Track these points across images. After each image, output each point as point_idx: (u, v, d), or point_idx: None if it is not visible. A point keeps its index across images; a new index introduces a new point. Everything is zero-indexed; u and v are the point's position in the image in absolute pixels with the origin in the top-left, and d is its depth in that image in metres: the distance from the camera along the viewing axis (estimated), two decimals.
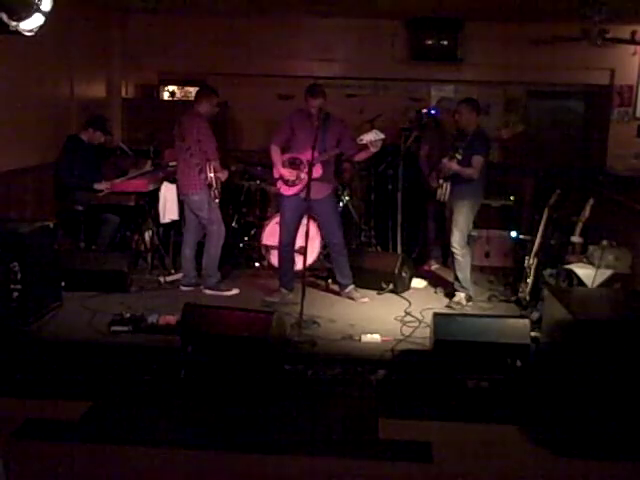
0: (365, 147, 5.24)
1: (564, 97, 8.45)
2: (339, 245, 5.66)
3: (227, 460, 3.36)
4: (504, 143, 7.93)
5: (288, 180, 5.44)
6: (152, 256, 6.41)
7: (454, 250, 5.56)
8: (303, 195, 5.27)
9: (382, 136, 5.20)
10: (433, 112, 7.44)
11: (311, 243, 5.70)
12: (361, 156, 5.45)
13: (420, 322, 5.15)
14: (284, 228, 5.56)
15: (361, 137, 5.22)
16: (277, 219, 6.40)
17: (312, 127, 5.21)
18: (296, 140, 5.43)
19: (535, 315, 4.98)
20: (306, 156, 5.25)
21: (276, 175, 5.55)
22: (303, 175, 5.32)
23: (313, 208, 5.45)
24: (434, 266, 6.74)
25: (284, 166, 5.47)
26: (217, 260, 5.80)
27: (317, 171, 5.32)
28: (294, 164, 5.44)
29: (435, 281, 6.30)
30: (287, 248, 5.59)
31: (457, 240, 5.54)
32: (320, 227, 5.87)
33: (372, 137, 5.18)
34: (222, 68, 7.95)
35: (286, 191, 5.49)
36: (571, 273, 5.19)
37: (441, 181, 5.53)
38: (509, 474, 3.34)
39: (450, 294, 5.74)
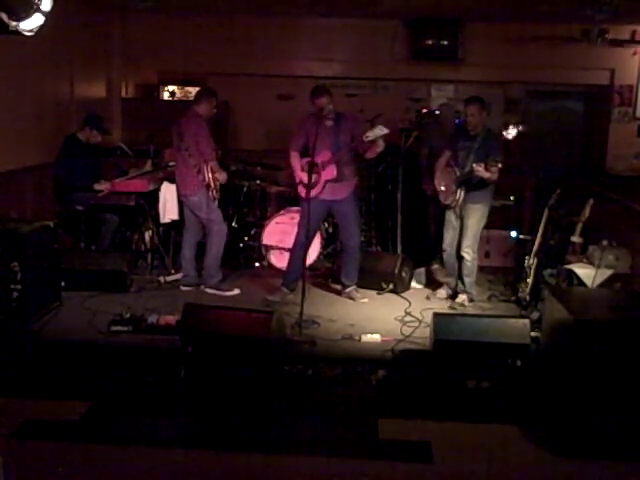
0: (373, 144, 5.24)
1: (564, 97, 8.45)
2: (354, 248, 5.65)
3: (227, 460, 3.36)
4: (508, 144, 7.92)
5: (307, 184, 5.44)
6: (152, 256, 6.41)
7: (466, 255, 5.48)
8: (323, 196, 5.33)
9: (386, 131, 5.18)
10: (437, 112, 7.44)
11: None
12: (370, 154, 5.44)
13: (420, 322, 5.15)
14: (302, 229, 5.52)
15: (367, 134, 5.20)
16: (277, 219, 6.43)
17: (324, 129, 5.20)
18: (311, 143, 5.43)
19: (535, 315, 4.98)
20: (321, 158, 5.26)
21: (297, 180, 5.56)
22: (320, 177, 5.33)
23: (333, 208, 5.47)
24: (434, 266, 6.73)
25: (303, 170, 5.47)
26: (219, 260, 5.80)
27: (331, 172, 5.35)
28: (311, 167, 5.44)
29: (435, 281, 6.30)
30: (303, 248, 5.55)
31: (470, 245, 5.48)
32: (338, 227, 5.91)
33: (377, 132, 5.17)
34: (222, 68, 7.96)
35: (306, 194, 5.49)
36: (571, 273, 5.19)
37: (454, 187, 5.37)
38: (509, 474, 3.34)
39: (453, 295, 5.72)
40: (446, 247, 5.65)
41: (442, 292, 5.80)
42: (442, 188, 5.52)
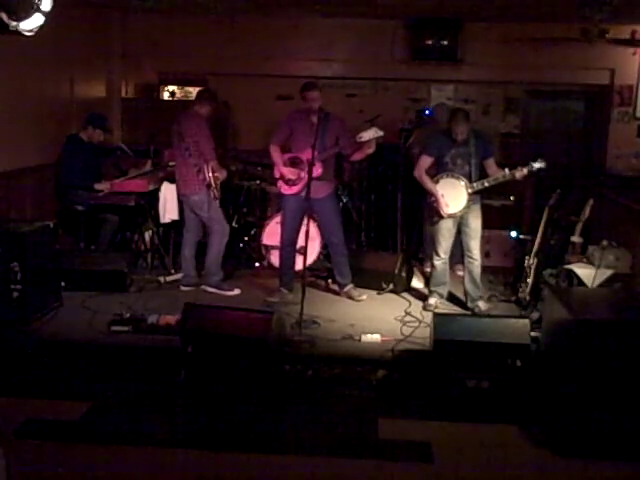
0: (363, 145, 5.23)
1: (564, 97, 8.45)
2: (339, 245, 5.66)
3: (227, 460, 3.36)
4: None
5: (289, 180, 5.45)
6: (152, 256, 6.41)
7: (476, 259, 5.34)
8: (304, 194, 5.27)
9: (381, 133, 5.18)
10: (427, 112, 7.44)
11: (311, 243, 5.69)
12: (358, 156, 5.42)
13: (420, 322, 5.15)
14: (285, 228, 5.56)
15: (361, 135, 5.21)
16: (277, 219, 6.41)
17: (311, 126, 5.22)
18: (296, 139, 5.44)
19: (535, 315, 4.98)
20: (306, 155, 5.25)
21: (277, 175, 5.55)
22: (304, 174, 5.32)
23: (314, 207, 5.46)
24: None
25: (285, 165, 5.47)
26: (220, 259, 5.81)
27: (317, 170, 5.33)
28: (295, 163, 5.45)
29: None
30: (288, 248, 5.59)
31: (478, 246, 5.36)
32: (320, 226, 5.87)
33: (372, 134, 5.17)
34: (222, 68, 7.96)
35: (287, 190, 5.49)
36: (571, 273, 5.19)
37: (465, 195, 5.20)
38: (509, 474, 3.34)
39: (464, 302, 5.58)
40: (443, 255, 5.40)
41: (435, 300, 5.50)
42: (446, 199, 5.23)
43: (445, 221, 5.34)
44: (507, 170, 5.19)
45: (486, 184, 5.23)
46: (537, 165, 5.15)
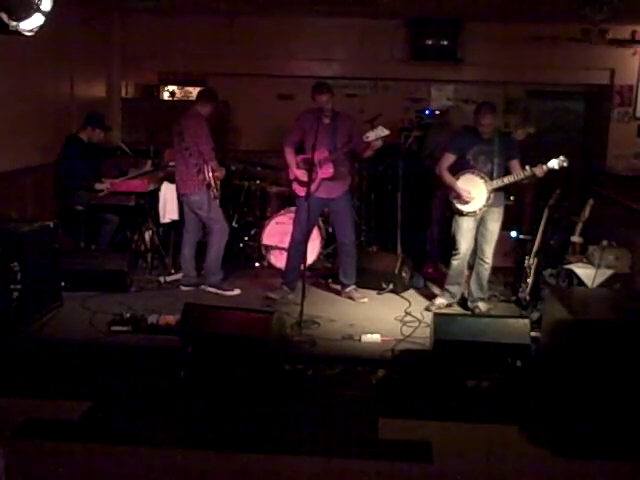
0: (371, 144, 5.24)
1: (564, 97, 8.45)
2: (349, 245, 5.66)
3: (227, 460, 3.36)
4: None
5: (303, 181, 5.43)
6: (152, 256, 6.41)
7: (489, 261, 5.31)
8: (318, 194, 5.32)
9: (387, 132, 5.19)
10: (427, 112, 7.44)
11: (311, 243, 5.71)
12: (368, 153, 5.44)
13: (420, 322, 5.16)
14: (298, 227, 5.54)
15: (367, 135, 5.22)
16: (277, 219, 6.43)
17: (321, 126, 5.19)
18: (307, 140, 5.43)
19: (535, 315, 4.98)
20: (318, 156, 5.24)
21: (291, 177, 5.56)
22: (316, 175, 5.32)
23: (329, 207, 5.47)
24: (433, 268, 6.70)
25: (298, 167, 5.48)
26: (220, 258, 5.81)
27: (328, 170, 5.35)
28: (307, 164, 5.44)
29: (438, 282, 6.26)
30: (299, 246, 5.53)
31: (492, 250, 5.32)
32: (332, 226, 5.91)
33: (378, 134, 5.18)
34: (222, 68, 7.96)
35: (301, 192, 5.47)
36: (571, 273, 5.19)
37: (485, 193, 5.15)
38: (509, 474, 3.34)
39: (463, 303, 5.58)
40: (462, 254, 5.33)
41: (441, 301, 5.52)
42: (469, 196, 5.19)
43: (465, 221, 5.28)
44: (528, 167, 5.11)
45: (506, 181, 5.18)
46: (558, 162, 5.09)
